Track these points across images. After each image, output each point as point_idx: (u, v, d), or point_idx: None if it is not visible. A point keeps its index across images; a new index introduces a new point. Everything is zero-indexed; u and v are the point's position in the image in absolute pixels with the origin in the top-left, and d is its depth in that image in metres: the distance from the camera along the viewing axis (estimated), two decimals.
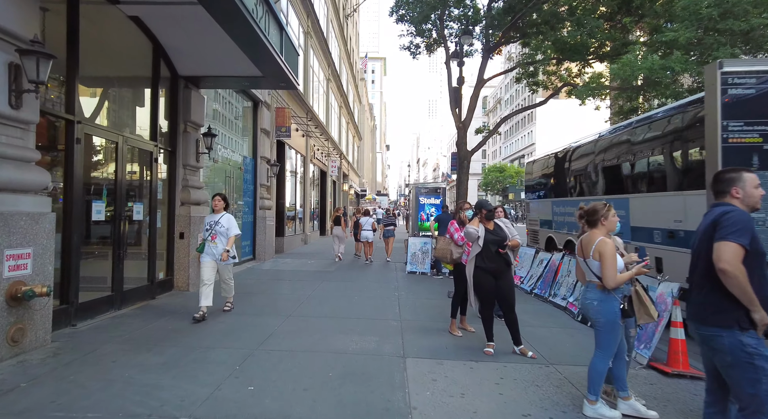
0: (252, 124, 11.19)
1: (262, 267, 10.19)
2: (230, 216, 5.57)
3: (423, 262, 9.70)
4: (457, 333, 4.98)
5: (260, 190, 11.27)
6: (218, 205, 5.58)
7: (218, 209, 5.57)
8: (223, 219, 5.46)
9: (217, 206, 5.58)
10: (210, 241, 5.42)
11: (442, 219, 9.20)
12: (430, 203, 17.67)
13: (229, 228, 5.47)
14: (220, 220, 5.45)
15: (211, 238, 5.41)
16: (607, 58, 12.32)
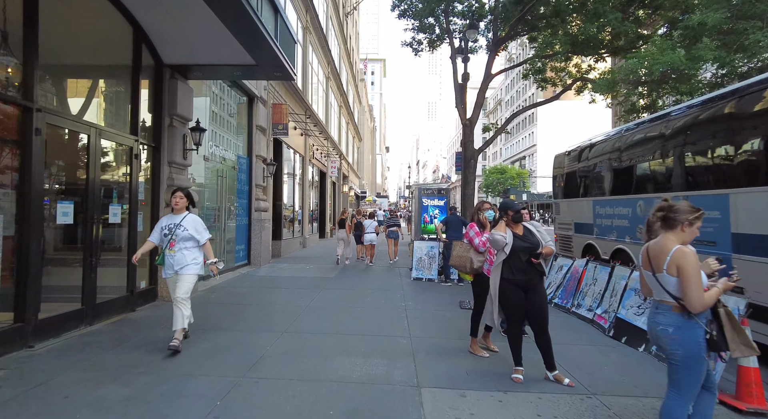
0: (247, 121, 10.55)
1: (258, 273, 9.53)
2: (196, 218, 4.43)
3: (430, 268, 9.04)
4: (482, 353, 4.32)
5: (256, 190, 10.62)
6: (179, 203, 4.36)
7: (179, 208, 4.37)
8: (186, 221, 4.30)
9: (178, 204, 4.36)
10: (168, 250, 4.25)
11: (451, 222, 8.55)
12: (433, 205, 17.03)
13: (197, 233, 4.32)
14: (183, 222, 4.29)
15: (169, 245, 4.25)
16: (620, 52, 11.70)
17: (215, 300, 6.57)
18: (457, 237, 8.49)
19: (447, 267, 8.55)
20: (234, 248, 9.69)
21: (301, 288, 7.78)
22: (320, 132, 17.28)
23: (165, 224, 4.33)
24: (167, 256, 4.27)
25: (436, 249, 9.12)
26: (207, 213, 8.58)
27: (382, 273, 9.88)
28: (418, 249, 9.22)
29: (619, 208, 7.24)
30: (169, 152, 6.48)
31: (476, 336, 4.42)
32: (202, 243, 4.37)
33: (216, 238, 8.79)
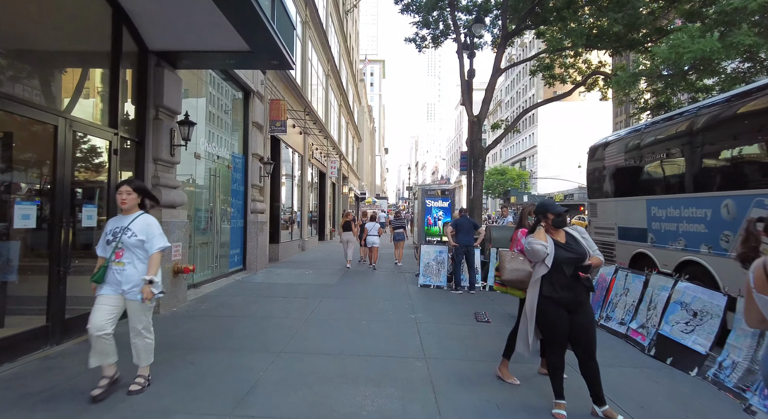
0: (242, 117, 9.93)
1: (253, 279, 8.89)
2: (150, 219, 3.36)
3: (438, 274, 8.42)
4: (513, 380, 3.70)
5: (252, 191, 9.99)
6: (127, 200, 3.28)
7: (129, 207, 3.31)
8: (136, 224, 3.25)
9: (125, 202, 3.28)
10: (114, 262, 3.20)
11: (462, 225, 7.95)
12: (437, 206, 16.42)
13: (148, 239, 3.25)
14: (131, 225, 3.23)
15: (116, 256, 3.20)
16: (637, 45, 11.13)
17: (205, 313, 5.94)
18: (468, 241, 7.89)
19: (458, 274, 7.94)
20: (228, 252, 9.06)
21: (301, 296, 7.16)
22: (319, 130, 16.68)
23: (110, 229, 3.30)
24: (113, 271, 3.19)
25: (444, 254, 8.51)
26: (199, 215, 7.95)
27: (387, 279, 9.26)
28: (426, 254, 8.60)
29: (691, 209, 5.65)
30: (154, 148, 5.86)
31: (509, 357, 3.79)
32: (150, 252, 3.25)
33: (209, 242, 8.17)
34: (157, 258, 3.31)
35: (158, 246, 3.29)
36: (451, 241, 8.00)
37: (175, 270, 6.03)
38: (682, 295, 4.39)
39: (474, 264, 8.03)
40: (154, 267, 3.26)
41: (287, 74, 12.11)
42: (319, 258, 13.05)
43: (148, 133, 5.80)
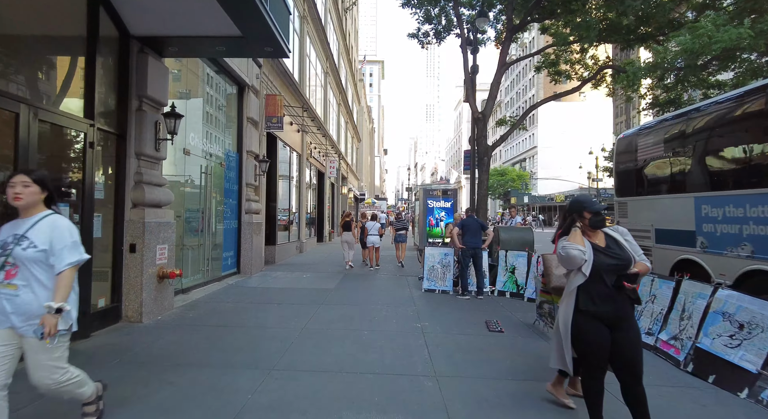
0: (236, 113, 9.45)
1: (247, 283, 8.40)
2: (60, 221, 2.39)
3: (444, 278, 7.93)
4: (567, 401, 3.16)
5: (246, 190, 9.51)
6: (24, 195, 2.31)
7: (27, 205, 2.34)
8: (36, 231, 2.32)
9: (23, 197, 2.31)
10: (2, 284, 2.27)
11: (469, 226, 7.47)
12: (439, 207, 15.95)
13: (55, 251, 2.32)
14: (30, 232, 2.31)
15: (5, 277, 2.27)
16: (649, 38, 10.69)
17: (191, 321, 5.44)
18: (476, 243, 7.41)
19: (464, 278, 7.45)
20: (221, 255, 8.56)
21: (297, 303, 6.67)
22: (317, 128, 16.20)
23: (2, 238, 2.33)
24: (1, 297, 2.26)
25: (450, 256, 8.02)
26: (189, 215, 7.47)
27: (389, 283, 8.77)
28: (430, 256, 8.12)
29: (762, 207, 4.68)
30: (137, 141, 5.37)
31: (566, 375, 3.22)
32: (58, 269, 2.30)
33: (200, 244, 7.68)
34: (68, 277, 2.33)
35: (69, 261, 2.32)
36: (458, 243, 7.52)
37: (160, 274, 5.54)
38: (724, 305, 3.91)
39: (482, 267, 7.55)
40: (62, 290, 2.29)
41: (284, 69, 11.64)
42: (318, 261, 12.57)
43: (130, 126, 5.32)
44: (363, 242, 11.26)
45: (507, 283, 7.76)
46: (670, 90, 12.26)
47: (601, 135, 62.77)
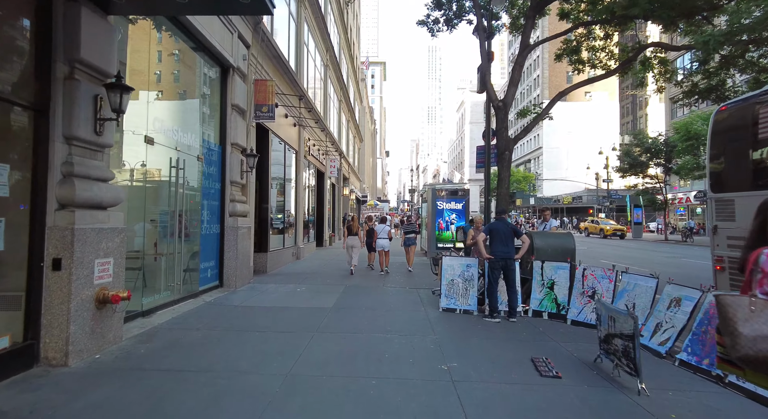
0: (219, 99, 8.09)
1: (229, 300, 7.01)
2: None
3: (466, 295, 6.51)
4: None
5: (231, 189, 8.14)
6: None
7: None
8: None
9: None
10: None
11: (498, 231, 6.08)
12: (450, 208, 14.54)
13: None
14: None
15: None
16: (696, 13, 9.28)
17: (139, 363, 4.04)
18: (507, 252, 6.00)
19: (494, 296, 6.03)
20: (198, 266, 7.18)
21: (285, 330, 5.27)
22: (316, 121, 14.80)
23: None
24: None
25: (474, 268, 6.61)
26: (154, 218, 6.10)
27: (398, 298, 7.36)
28: (449, 268, 6.70)
29: None
30: (66, 121, 4.00)
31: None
32: None
33: (170, 253, 6.29)
34: None
35: None
36: (484, 253, 6.11)
37: (100, 298, 4.16)
38: None
39: (515, 282, 6.15)
40: None
41: (277, 54, 10.29)
42: (316, 269, 11.16)
43: (55, 99, 3.95)
44: (369, 245, 10.74)
45: (544, 301, 6.34)
46: (711, 76, 10.87)
47: (608, 135, 61.44)
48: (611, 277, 5.84)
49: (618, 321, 3.84)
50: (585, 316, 5.86)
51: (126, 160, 5.44)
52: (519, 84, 9.89)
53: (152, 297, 5.81)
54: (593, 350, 4.54)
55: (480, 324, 5.78)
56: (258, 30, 9.04)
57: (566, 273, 6.26)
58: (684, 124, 23.74)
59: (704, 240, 28.58)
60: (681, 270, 11.92)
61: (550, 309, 6.27)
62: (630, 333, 3.62)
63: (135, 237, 5.55)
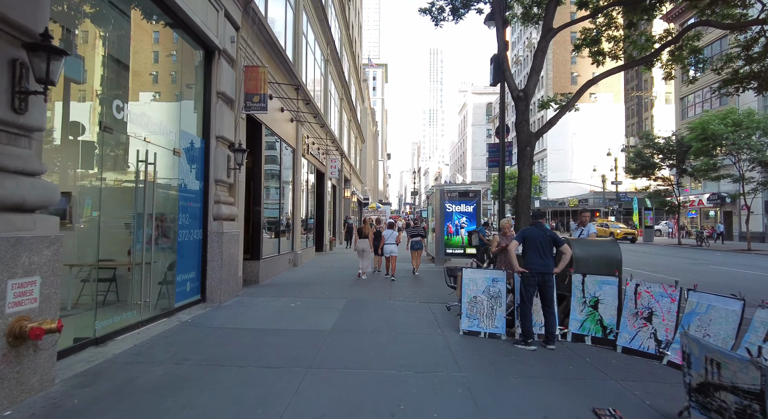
0: (203, 86, 7.05)
1: (211, 319, 5.93)
2: None
3: (491, 315, 5.42)
4: None
5: (215, 189, 7.08)
6: None
7: None
8: None
9: None
10: None
11: (534, 239, 5.00)
12: (460, 211, 13.45)
13: None
14: None
15: None
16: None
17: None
18: (545, 265, 4.90)
19: (527, 318, 4.93)
20: (174, 278, 6.11)
21: (271, 363, 4.18)
22: (314, 116, 13.74)
23: None
24: None
25: (501, 284, 5.51)
26: (116, 223, 5.04)
27: (410, 316, 6.27)
28: (471, 283, 5.60)
29: None
30: None
31: None
32: None
33: (136, 264, 5.22)
34: None
35: None
36: (517, 265, 5.01)
37: (15, 332, 3.08)
38: None
39: (553, 301, 5.06)
40: None
41: (272, 40, 9.25)
42: (315, 278, 10.08)
43: None
44: (375, 248, 10.60)
45: (587, 323, 5.25)
46: (754, 61, 9.80)
47: (613, 137, 60.45)
48: (673, 296, 4.74)
49: (727, 369, 2.75)
50: (640, 343, 4.77)
51: (79, 151, 4.39)
52: (540, 71, 8.82)
53: (110, 319, 4.74)
54: (670, 394, 3.47)
55: (513, 354, 4.69)
56: (249, 10, 8.01)
57: (613, 289, 5.17)
58: (700, 123, 22.64)
59: (720, 244, 27.41)
60: (719, 281, 10.81)
61: (595, 332, 5.18)
62: (756, 390, 2.53)
63: (88, 245, 4.49)
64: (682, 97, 36.38)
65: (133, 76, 5.28)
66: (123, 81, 5.15)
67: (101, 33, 4.77)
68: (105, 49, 4.83)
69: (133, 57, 5.37)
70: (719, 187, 30.63)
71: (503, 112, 11.30)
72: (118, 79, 5.05)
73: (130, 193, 5.21)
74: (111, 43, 4.94)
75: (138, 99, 5.38)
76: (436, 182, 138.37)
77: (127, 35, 5.23)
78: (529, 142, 8.56)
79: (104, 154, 4.73)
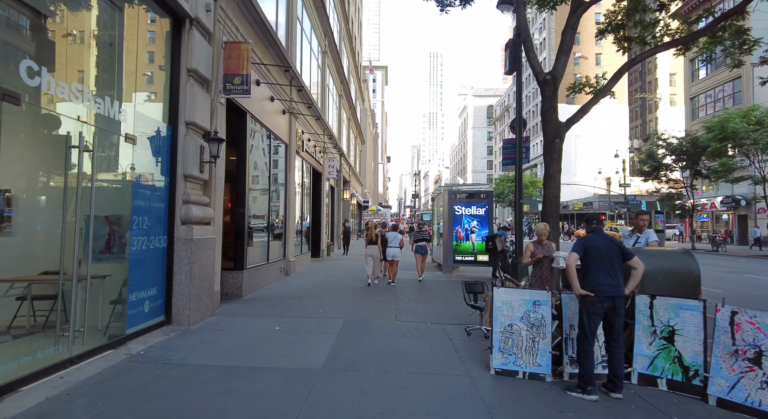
0: (170, 61, 5.82)
1: (170, 351, 4.65)
2: None
3: (533, 350, 4.14)
4: None
5: (184, 186, 5.83)
6: None
7: None
8: None
9: None
10: None
11: (598, 250, 3.74)
12: (470, 214, 12.18)
13: None
14: None
15: None
16: None
17: None
18: (616, 287, 3.59)
19: (589, 358, 3.65)
20: (125, 298, 4.83)
21: None
22: (309, 106, 12.46)
23: None
24: None
25: (544, 308, 4.23)
26: (43, 226, 3.79)
27: (423, 347, 4.99)
28: (505, 306, 4.32)
29: None
30: None
31: None
32: None
33: (65, 281, 3.95)
34: None
35: None
36: (578, 287, 3.73)
37: None
38: None
39: (621, 333, 3.78)
40: None
41: (259, 17, 8.00)
42: (308, 289, 8.80)
43: None
44: (382, 253, 10.09)
45: (659, 361, 3.98)
46: None
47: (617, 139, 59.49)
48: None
49: None
50: (746, 395, 3.49)
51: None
52: (570, 51, 7.60)
53: (16, 361, 3.45)
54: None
55: (569, 407, 3.42)
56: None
57: (696, 317, 3.90)
58: (719, 122, 21.46)
59: (737, 249, 26.11)
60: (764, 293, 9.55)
61: (671, 373, 3.91)
62: None
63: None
64: (692, 97, 35.21)
65: (58, 34, 4.03)
66: (40, 36, 3.89)
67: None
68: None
69: (69, 19, 4.14)
70: (733, 190, 29.45)
71: (520, 104, 10.07)
72: (34, 33, 3.80)
73: (59, 190, 3.95)
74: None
75: (66, 65, 4.12)
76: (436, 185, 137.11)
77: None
78: (558, 133, 7.33)
79: (17, 136, 3.47)
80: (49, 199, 3.94)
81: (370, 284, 9.63)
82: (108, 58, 4.72)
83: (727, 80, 30.80)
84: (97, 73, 4.52)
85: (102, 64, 4.62)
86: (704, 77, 33.36)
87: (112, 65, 4.78)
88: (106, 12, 4.72)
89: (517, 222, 10.10)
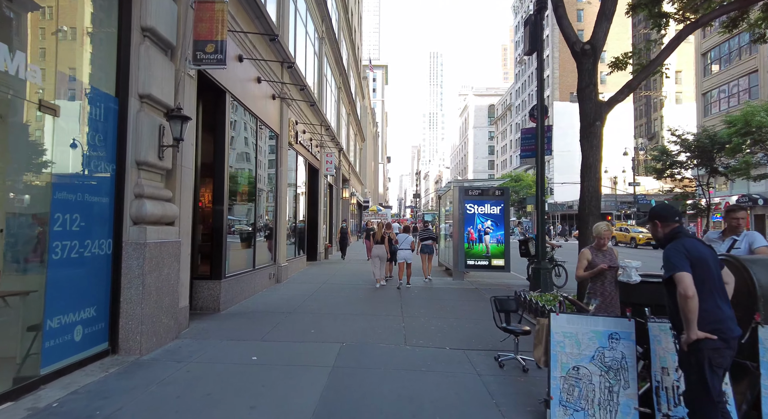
0: (117, 16, 4.55)
1: (98, 402, 3.37)
2: None
3: (611, 405, 2.85)
4: None
5: (137, 176, 4.54)
6: None
7: None
8: None
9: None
10: None
11: (705, 260, 2.40)
12: (484, 213, 10.88)
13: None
14: None
15: None
16: None
17: None
18: (736, 319, 2.32)
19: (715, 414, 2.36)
20: (40, 323, 3.55)
21: None
22: (300, 87, 11.11)
23: None
24: None
25: (626, 343, 2.95)
26: None
27: (444, 389, 3.71)
28: (569, 341, 3.03)
29: None
30: None
31: None
32: None
33: None
34: None
35: None
36: (695, 329, 2.40)
37: None
38: None
39: None
40: None
41: None
42: (300, 300, 7.51)
43: None
44: (392, 254, 9.82)
45: None
46: None
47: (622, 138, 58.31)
48: None
49: None
50: None
51: None
52: (612, 17, 6.33)
53: None
54: None
55: None
56: None
57: None
58: (743, 116, 20.19)
59: None
60: None
61: None
62: None
63: None
64: (705, 92, 33.95)
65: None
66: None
67: None
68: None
69: None
70: (749, 188, 28.18)
71: (541, 87, 8.85)
72: None
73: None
74: None
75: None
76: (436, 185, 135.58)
77: None
78: (599, 115, 6.06)
79: None
80: None
81: (378, 285, 9.41)
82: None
83: (742, 74, 29.56)
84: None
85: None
86: (717, 72, 32.14)
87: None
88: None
89: (539, 221, 8.85)
